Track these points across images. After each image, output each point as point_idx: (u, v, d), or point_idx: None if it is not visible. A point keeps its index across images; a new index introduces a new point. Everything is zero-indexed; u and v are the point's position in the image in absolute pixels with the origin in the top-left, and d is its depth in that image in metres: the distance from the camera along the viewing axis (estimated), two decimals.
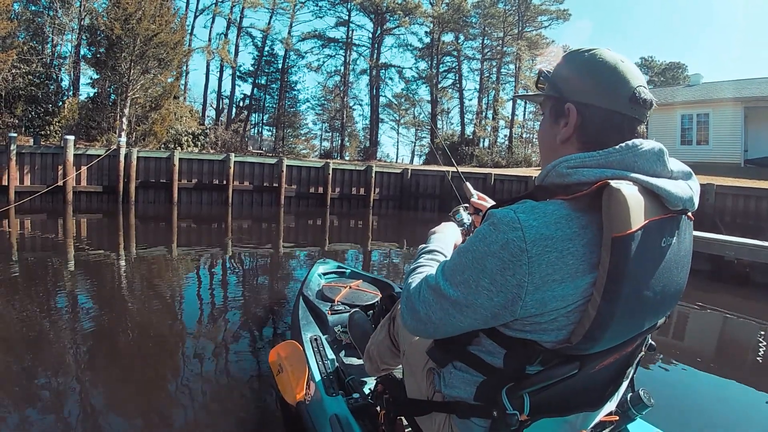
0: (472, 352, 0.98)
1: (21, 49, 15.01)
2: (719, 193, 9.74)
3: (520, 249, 0.79)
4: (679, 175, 0.92)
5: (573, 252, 0.80)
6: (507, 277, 0.81)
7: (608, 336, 0.85)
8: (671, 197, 0.85)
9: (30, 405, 2.27)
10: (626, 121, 0.90)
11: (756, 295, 5.74)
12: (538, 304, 0.82)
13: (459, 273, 0.88)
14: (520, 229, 0.79)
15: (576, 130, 0.93)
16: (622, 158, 0.85)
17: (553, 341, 0.87)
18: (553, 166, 0.89)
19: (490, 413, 0.93)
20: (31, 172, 10.86)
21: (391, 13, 28.44)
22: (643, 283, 0.85)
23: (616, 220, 0.78)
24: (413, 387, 1.21)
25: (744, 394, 2.96)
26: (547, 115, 1.00)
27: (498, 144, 29.08)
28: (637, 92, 0.88)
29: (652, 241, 0.84)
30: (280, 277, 5.68)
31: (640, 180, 0.83)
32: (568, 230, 0.80)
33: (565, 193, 0.84)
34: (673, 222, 0.89)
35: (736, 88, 16.78)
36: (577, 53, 0.96)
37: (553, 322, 0.85)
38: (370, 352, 1.67)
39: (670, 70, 34.56)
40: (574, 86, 0.94)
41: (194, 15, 25.74)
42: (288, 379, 2.00)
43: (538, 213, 0.81)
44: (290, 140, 30.99)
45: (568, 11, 28.11)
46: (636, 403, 1.17)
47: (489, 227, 0.84)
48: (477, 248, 0.85)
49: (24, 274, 4.98)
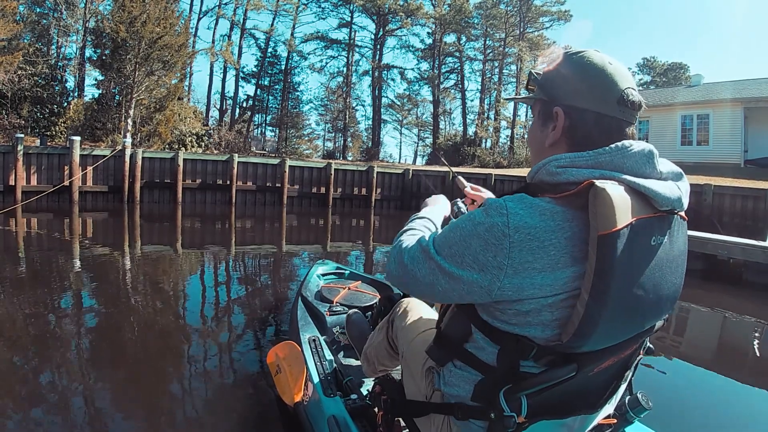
0: (468, 350, 1.00)
1: (27, 50, 15.16)
2: (717, 194, 9.78)
3: (503, 234, 0.83)
4: (669, 175, 0.93)
5: (555, 244, 0.82)
6: (488, 257, 0.84)
7: (599, 334, 0.85)
8: (658, 197, 0.86)
9: (34, 403, 2.31)
10: (614, 123, 0.91)
11: (749, 293, 5.81)
12: (515, 288, 0.84)
13: (447, 246, 0.92)
14: (506, 215, 0.83)
15: (564, 134, 0.94)
16: (611, 159, 0.87)
17: (543, 338, 0.88)
18: (544, 164, 0.91)
19: (488, 415, 0.94)
20: (37, 172, 10.99)
21: (393, 15, 28.55)
22: (633, 281, 0.86)
23: (602, 219, 0.80)
24: (412, 387, 1.23)
25: (743, 396, 2.94)
26: (536, 117, 1.01)
27: (500, 145, 29.15)
28: (625, 94, 0.90)
29: (641, 240, 0.85)
30: (281, 277, 5.72)
31: (627, 180, 0.85)
32: (552, 222, 0.83)
33: (554, 192, 0.86)
34: (663, 221, 0.90)
35: (736, 89, 16.77)
36: (565, 56, 0.97)
37: (536, 315, 0.87)
38: (368, 354, 1.68)
39: (672, 70, 34.49)
40: (562, 89, 0.95)
41: (198, 17, 25.95)
42: (286, 379, 2.01)
43: (526, 203, 0.85)
44: (293, 141, 31.14)
45: (569, 12, 28.16)
46: (634, 406, 1.17)
47: (481, 211, 0.88)
48: (465, 227, 0.89)
49: (30, 272, 5.07)
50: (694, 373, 3.28)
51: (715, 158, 15.64)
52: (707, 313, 5.02)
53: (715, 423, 2.59)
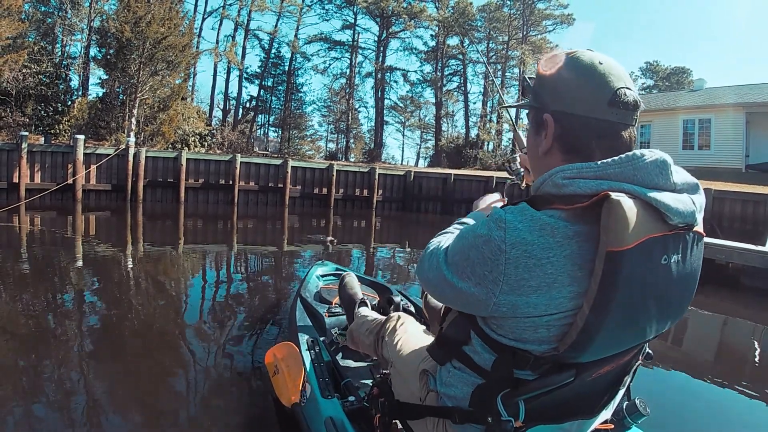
0: (466, 352, 0.99)
1: (31, 49, 15.24)
2: (717, 198, 9.83)
3: (499, 249, 0.80)
4: (684, 187, 0.88)
5: (553, 262, 0.79)
6: (485, 271, 0.83)
7: (597, 346, 0.84)
8: (670, 211, 0.81)
9: (35, 398, 2.33)
10: (607, 126, 0.86)
11: (745, 297, 5.84)
12: (510, 306, 0.83)
13: (452, 254, 0.92)
14: (504, 230, 0.81)
15: (555, 141, 0.91)
16: (621, 170, 0.82)
17: (540, 351, 0.87)
18: (549, 175, 0.86)
19: (485, 419, 0.93)
20: (41, 170, 11.06)
21: (397, 17, 28.62)
22: (637, 299, 0.82)
23: (613, 235, 0.77)
24: (404, 391, 1.23)
25: (741, 403, 2.92)
26: (531, 125, 0.98)
27: (502, 147, 29.18)
28: (617, 95, 0.85)
29: (651, 260, 0.81)
30: (281, 277, 5.72)
31: (637, 192, 0.80)
32: (552, 239, 0.79)
33: (562, 203, 0.82)
34: (678, 239, 0.85)
35: (738, 94, 16.83)
36: (554, 57, 0.92)
37: (533, 332, 0.85)
38: (354, 335, 1.72)
39: (675, 74, 34.49)
40: (550, 95, 0.91)
41: (202, 17, 26.08)
42: (284, 380, 2.00)
43: (527, 216, 0.81)
44: (296, 141, 31.20)
45: (572, 15, 28.22)
46: (631, 412, 1.17)
47: (484, 222, 0.86)
48: (467, 237, 0.88)
49: (33, 269, 5.10)
50: (692, 379, 3.27)
51: (717, 163, 15.68)
52: (706, 317, 5.01)
53: (713, 430, 2.57)
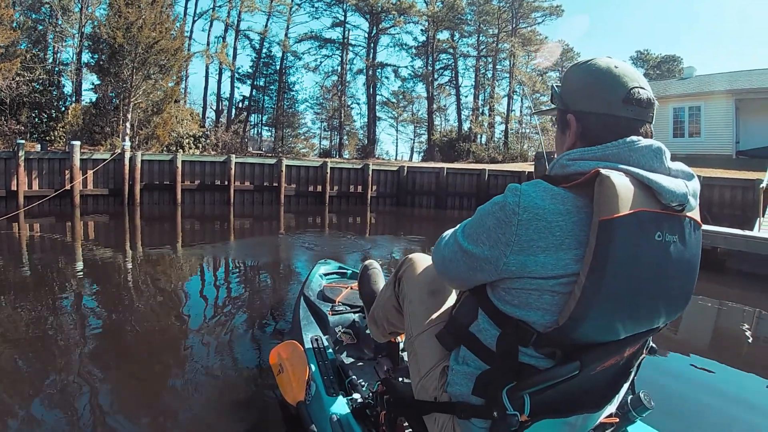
0: (472, 332, 1.04)
1: (24, 56, 15.25)
2: (706, 185, 9.97)
3: (513, 212, 0.90)
4: (679, 174, 0.96)
5: (562, 226, 0.88)
6: (499, 234, 0.92)
7: (595, 318, 0.87)
8: (663, 190, 0.89)
9: (38, 401, 2.35)
10: (623, 122, 0.95)
11: (732, 281, 6.00)
12: (519, 265, 0.90)
13: (469, 227, 1.02)
14: (519, 196, 0.90)
15: (577, 138, 1.01)
16: (617, 152, 0.93)
17: (542, 323, 0.92)
18: (557, 159, 1.00)
19: (491, 414, 0.95)
20: (39, 177, 11.13)
21: (386, 13, 28.67)
22: (632, 271, 0.88)
23: (604, 205, 0.85)
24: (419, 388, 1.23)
25: (747, 395, 2.90)
26: (558, 126, 1.09)
27: (495, 140, 29.36)
28: (631, 93, 0.95)
29: (643, 232, 0.88)
30: (281, 276, 5.73)
31: (632, 171, 0.89)
32: (562, 207, 0.88)
33: (566, 182, 0.92)
34: (673, 220, 0.92)
35: (727, 81, 16.94)
36: (575, 65, 1.05)
37: (538, 297, 0.91)
38: (375, 314, 1.66)
39: (665, 63, 34.66)
40: (573, 97, 1.02)
41: (193, 19, 26.12)
42: (288, 379, 2.01)
43: (540, 187, 0.91)
44: (289, 140, 31.30)
45: (560, 7, 28.32)
46: (636, 406, 1.18)
47: (501, 195, 0.96)
48: (485, 208, 0.98)
49: (34, 275, 5.12)
50: (697, 371, 3.25)
51: (707, 150, 15.82)
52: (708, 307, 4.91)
53: (718, 422, 2.56)
